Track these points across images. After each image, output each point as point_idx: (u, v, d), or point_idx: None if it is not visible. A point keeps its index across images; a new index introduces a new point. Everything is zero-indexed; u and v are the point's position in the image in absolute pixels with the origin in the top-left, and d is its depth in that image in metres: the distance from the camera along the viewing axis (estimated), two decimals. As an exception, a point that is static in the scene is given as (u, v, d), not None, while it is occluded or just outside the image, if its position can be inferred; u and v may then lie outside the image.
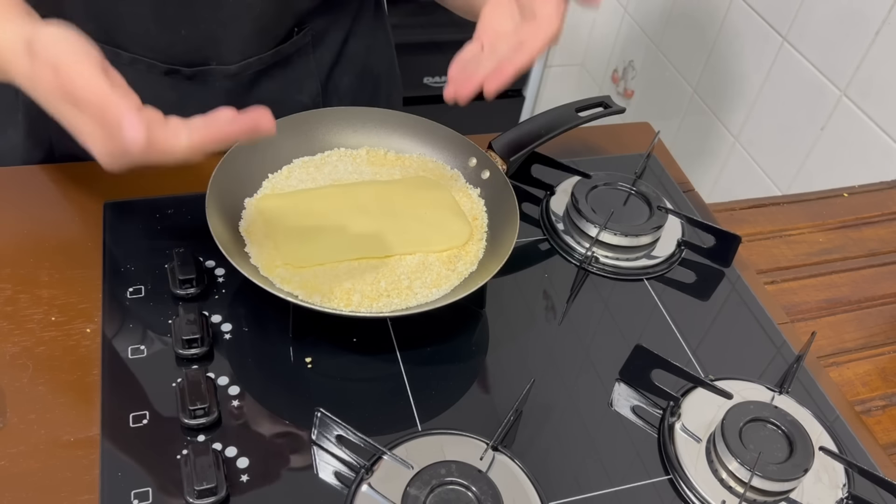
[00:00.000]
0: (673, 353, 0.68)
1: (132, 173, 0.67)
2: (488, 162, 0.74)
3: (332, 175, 0.74)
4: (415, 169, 0.75)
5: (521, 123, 0.77)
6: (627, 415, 0.64)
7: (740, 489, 0.58)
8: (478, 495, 0.53)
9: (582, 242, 0.76)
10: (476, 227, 0.71)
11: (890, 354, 0.76)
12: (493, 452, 0.57)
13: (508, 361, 0.66)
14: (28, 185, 0.76)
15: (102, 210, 0.73)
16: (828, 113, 1.26)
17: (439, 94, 0.67)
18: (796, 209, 0.92)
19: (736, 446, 0.58)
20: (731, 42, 1.49)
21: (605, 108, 0.80)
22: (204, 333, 0.62)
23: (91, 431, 0.57)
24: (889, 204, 0.95)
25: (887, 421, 0.70)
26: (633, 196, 0.79)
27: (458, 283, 0.66)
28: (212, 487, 0.53)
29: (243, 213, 0.68)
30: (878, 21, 1.16)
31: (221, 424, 0.58)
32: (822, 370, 0.71)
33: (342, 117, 0.76)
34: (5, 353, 0.61)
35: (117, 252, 0.69)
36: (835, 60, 1.24)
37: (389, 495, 0.53)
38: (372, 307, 0.62)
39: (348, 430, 0.55)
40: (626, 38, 1.88)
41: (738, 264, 0.77)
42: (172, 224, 0.72)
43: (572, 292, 0.73)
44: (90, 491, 0.54)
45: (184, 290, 0.65)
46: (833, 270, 0.84)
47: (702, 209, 0.85)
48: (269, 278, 0.63)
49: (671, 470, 0.60)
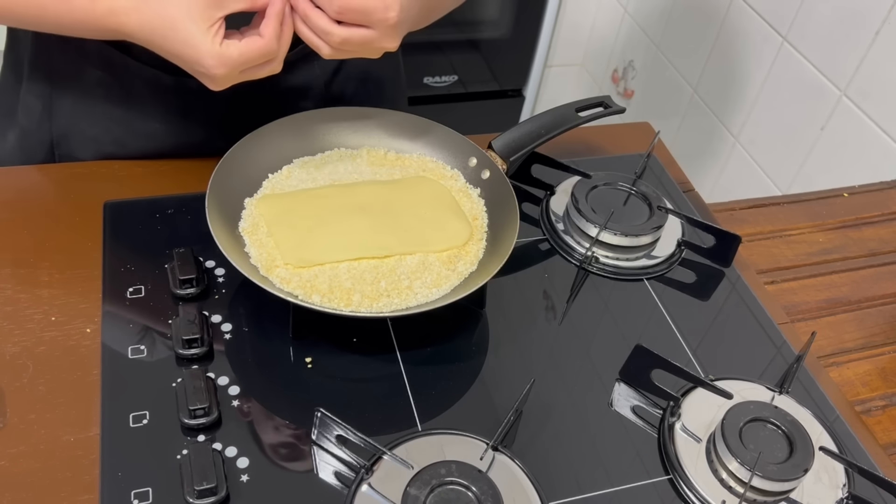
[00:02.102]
0: (673, 353, 0.68)
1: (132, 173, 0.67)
2: (488, 162, 0.74)
3: (332, 175, 0.74)
4: (415, 169, 0.75)
5: (521, 123, 0.77)
6: (627, 415, 0.64)
7: (740, 489, 0.58)
8: (478, 495, 0.53)
9: (582, 242, 0.76)
10: (476, 227, 0.71)
11: (890, 354, 0.76)
12: (493, 452, 0.57)
13: (508, 361, 0.66)
14: (28, 185, 0.76)
15: (102, 210, 0.73)
16: (828, 113, 1.26)
17: (439, 94, 0.67)
18: (796, 209, 0.92)
19: (736, 446, 0.58)
20: (731, 42, 1.49)
21: (605, 108, 0.80)
22: (204, 333, 0.62)
23: (91, 431, 0.57)
24: (889, 204, 0.95)
25: (887, 421, 0.70)
26: (633, 196, 0.79)
27: (458, 283, 0.66)
28: (212, 487, 0.53)
29: (243, 213, 0.68)
30: (878, 21, 1.16)
31: (221, 424, 0.58)
32: (822, 370, 0.71)
33: (342, 117, 0.76)
34: (5, 353, 0.61)
35: (117, 252, 0.69)
36: (835, 60, 1.24)
37: (389, 495, 0.53)
38: (372, 307, 0.62)
39: (348, 430, 0.55)
40: (626, 38, 1.88)
41: (738, 264, 0.77)
42: (172, 224, 0.72)
43: (572, 292, 0.73)
44: (90, 491, 0.54)
45: (184, 290, 0.65)
46: (833, 270, 0.84)
47: (702, 209, 0.85)
48: (269, 278, 0.63)
49: (671, 470, 0.60)
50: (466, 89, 1.98)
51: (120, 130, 0.80)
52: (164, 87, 0.77)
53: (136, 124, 0.79)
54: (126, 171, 0.78)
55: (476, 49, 1.93)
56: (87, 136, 0.80)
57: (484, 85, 2.01)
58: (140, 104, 0.79)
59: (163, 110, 0.79)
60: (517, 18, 1.92)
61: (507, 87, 2.05)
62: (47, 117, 0.80)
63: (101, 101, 0.78)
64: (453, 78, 1.93)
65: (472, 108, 2.01)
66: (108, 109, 0.79)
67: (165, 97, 0.78)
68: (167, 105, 0.79)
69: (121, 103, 0.79)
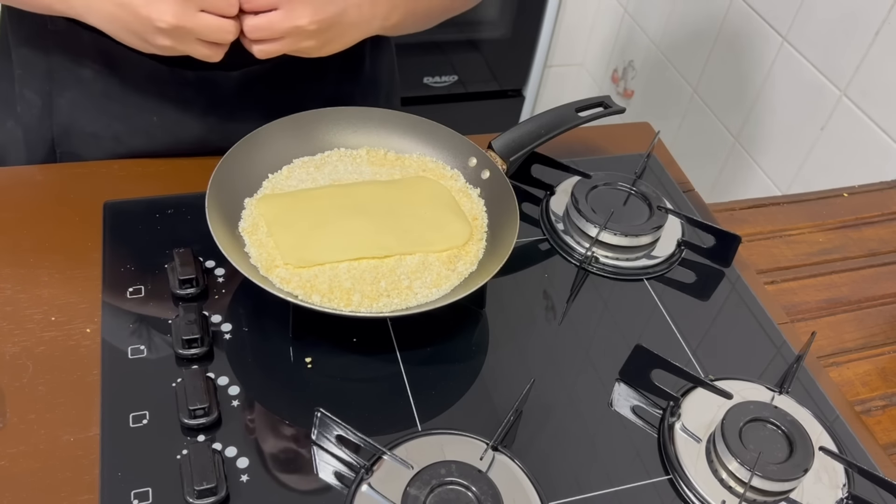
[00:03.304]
0: (673, 353, 0.68)
1: (132, 173, 0.67)
2: (488, 162, 0.74)
3: (332, 175, 0.74)
4: (415, 169, 0.75)
5: (521, 123, 0.77)
6: (627, 415, 0.64)
7: (740, 489, 0.58)
8: (478, 495, 0.53)
9: (582, 242, 0.76)
10: (476, 227, 0.71)
11: (890, 354, 0.76)
12: (493, 452, 0.57)
13: (508, 361, 0.66)
14: (28, 185, 0.76)
15: (102, 210, 0.73)
16: (828, 113, 1.26)
17: (439, 94, 0.67)
18: (796, 209, 0.92)
19: (736, 446, 0.57)
20: (731, 42, 1.49)
21: (605, 108, 0.80)
22: (204, 333, 0.62)
23: (91, 431, 0.57)
24: (889, 204, 0.95)
25: (887, 421, 0.70)
26: (633, 196, 0.79)
27: (458, 283, 0.66)
28: (212, 487, 0.53)
29: (243, 213, 0.68)
30: (878, 21, 1.16)
31: (221, 424, 0.58)
32: (822, 370, 0.71)
33: (342, 117, 0.76)
34: (5, 353, 0.61)
35: (117, 252, 0.69)
36: (835, 60, 1.24)
37: (389, 495, 0.53)
38: (372, 307, 0.62)
39: (348, 430, 0.55)
40: (626, 38, 1.88)
41: (738, 264, 0.77)
42: (172, 224, 0.72)
43: (572, 292, 0.73)
44: (90, 491, 0.54)
45: (184, 290, 0.65)
46: (833, 270, 0.84)
47: (702, 209, 0.85)
48: (269, 278, 0.63)
49: (671, 470, 0.60)
50: (466, 89, 1.98)
51: (119, 126, 0.80)
52: (163, 80, 0.78)
53: (134, 119, 0.80)
54: (126, 171, 0.78)
55: (476, 49, 1.94)
56: (87, 133, 0.80)
57: (484, 85, 2.01)
58: (138, 98, 0.79)
59: (160, 103, 0.79)
60: (517, 18, 1.92)
61: (507, 87, 2.05)
62: (48, 114, 0.80)
63: (99, 96, 0.79)
64: (453, 78, 1.93)
65: (472, 108, 2.01)
66: (107, 105, 0.79)
67: (163, 89, 0.78)
68: (164, 97, 0.79)
69: (119, 98, 0.79)
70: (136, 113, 0.79)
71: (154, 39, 0.65)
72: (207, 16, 0.64)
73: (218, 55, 0.68)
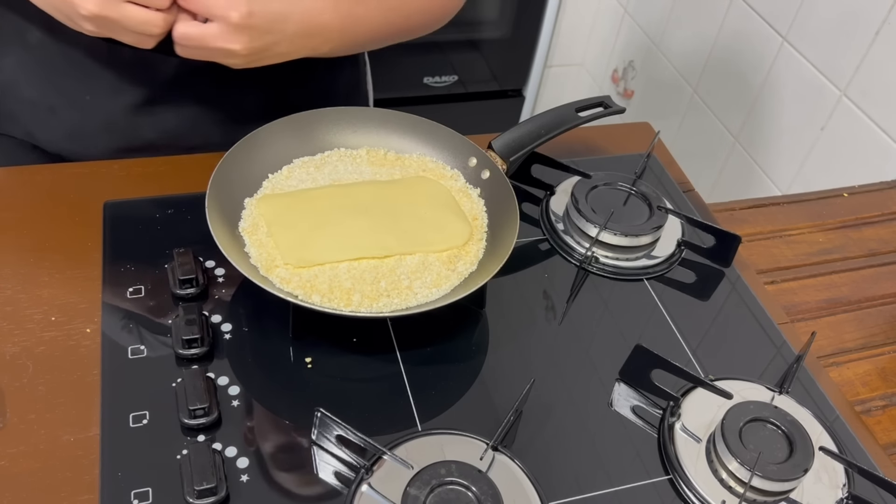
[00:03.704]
0: (673, 353, 0.68)
1: (132, 173, 0.67)
2: (488, 162, 0.74)
3: (332, 175, 0.74)
4: (415, 169, 0.75)
5: (521, 123, 0.77)
6: (627, 415, 0.64)
7: (740, 489, 0.58)
8: (478, 495, 0.53)
9: (582, 242, 0.76)
10: (476, 227, 0.71)
11: (890, 354, 0.76)
12: (493, 452, 0.57)
13: (508, 361, 0.66)
14: (28, 185, 0.76)
15: (102, 210, 0.73)
16: (828, 113, 1.26)
17: (439, 94, 0.67)
18: (796, 209, 0.92)
19: (736, 446, 0.58)
20: (731, 42, 1.49)
21: (605, 108, 0.80)
22: (204, 333, 0.62)
23: (91, 431, 0.57)
24: (889, 204, 0.95)
25: (887, 421, 0.70)
26: (633, 196, 0.79)
27: (458, 283, 0.66)
28: (212, 487, 0.53)
29: (243, 213, 0.68)
30: (878, 21, 1.16)
31: (221, 424, 0.58)
32: (822, 370, 0.71)
33: (342, 117, 0.76)
34: (5, 353, 0.61)
35: (117, 252, 0.69)
36: (835, 60, 1.24)
37: (389, 495, 0.53)
38: (372, 307, 0.62)
39: (348, 430, 0.55)
40: (626, 38, 1.89)
41: (738, 264, 0.77)
42: (172, 224, 0.72)
43: (572, 292, 0.73)
44: (90, 491, 0.54)
45: (184, 290, 0.65)
46: (833, 270, 0.84)
47: (702, 209, 0.85)
48: (269, 278, 0.63)
49: (671, 470, 0.60)
50: (466, 89, 1.98)
51: (55, 97, 0.80)
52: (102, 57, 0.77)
53: (70, 93, 0.79)
54: (126, 171, 0.78)
55: (476, 49, 1.94)
56: (25, 98, 0.80)
57: (484, 85, 2.01)
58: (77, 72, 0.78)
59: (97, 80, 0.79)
60: (517, 18, 1.92)
61: (507, 87, 2.05)
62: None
63: (42, 64, 0.78)
64: (453, 78, 1.93)
65: (472, 108, 2.01)
66: (48, 74, 0.79)
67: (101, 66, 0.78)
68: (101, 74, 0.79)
69: (59, 69, 0.78)
70: (73, 86, 0.79)
71: (80, 23, 0.64)
72: (133, 8, 0.63)
73: (148, 44, 0.66)
